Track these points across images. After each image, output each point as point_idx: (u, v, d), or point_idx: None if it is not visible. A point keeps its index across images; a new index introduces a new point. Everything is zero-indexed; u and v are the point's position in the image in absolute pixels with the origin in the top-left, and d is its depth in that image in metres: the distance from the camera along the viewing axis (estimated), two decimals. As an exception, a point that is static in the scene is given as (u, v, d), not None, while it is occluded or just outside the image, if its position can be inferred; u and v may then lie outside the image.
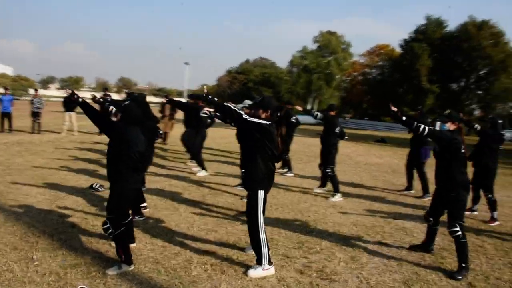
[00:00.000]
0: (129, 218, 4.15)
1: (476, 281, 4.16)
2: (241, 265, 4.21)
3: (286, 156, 9.45)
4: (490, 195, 6.35)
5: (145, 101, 5.93)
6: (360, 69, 56.13)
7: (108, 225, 3.86)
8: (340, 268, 4.31)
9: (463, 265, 4.24)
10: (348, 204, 7.26)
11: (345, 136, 7.79)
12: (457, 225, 4.30)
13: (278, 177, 6.36)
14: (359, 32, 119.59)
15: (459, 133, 4.54)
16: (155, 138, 5.71)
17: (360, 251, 4.86)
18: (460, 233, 4.27)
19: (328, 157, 7.60)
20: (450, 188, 4.36)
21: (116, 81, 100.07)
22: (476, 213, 6.81)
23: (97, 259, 4.16)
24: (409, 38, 42.22)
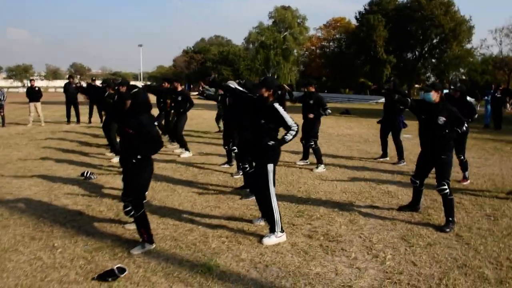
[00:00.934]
0: (145, 200, 4.36)
1: (461, 232, 4.70)
2: (254, 235, 4.54)
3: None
4: (462, 157, 6.95)
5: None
6: (317, 43, 56.89)
7: (129, 208, 4.06)
8: (342, 230, 4.73)
9: (450, 219, 4.77)
10: (332, 174, 7.71)
11: (328, 110, 8.07)
12: (445, 183, 4.79)
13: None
14: (314, 6, 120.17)
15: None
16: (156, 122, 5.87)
17: (356, 214, 5.30)
18: (448, 190, 4.78)
19: (312, 131, 7.97)
20: (440, 151, 4.81)
21: (68, 68, 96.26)
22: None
23: (117, 241, 4.36)
24: (364, 10, 43.10)
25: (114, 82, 9.30)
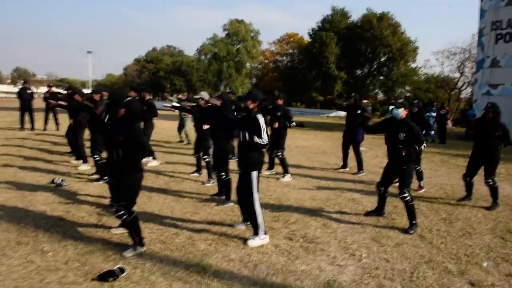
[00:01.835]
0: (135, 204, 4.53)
1: (423, 233, 5.26)
2: (237, 238, 4.83)
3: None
4: (418, 167, 7.61)
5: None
6: (271, 56, 58.08)
7: (122, 212, 4.21)
8: (318, 233, 5.13)
9: (413, 222, 5.31)
10: (299, 182, 8.14)
11: (293, 123, 8.55)
12: (406, 191, 5.33)
13: (231, 163, 6.98)
14: (268, 20, 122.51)
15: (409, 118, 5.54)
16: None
17: (327, 219, 5.72)
18: (409, 197, 5.32)
19: (279, 142, 8.39)
20: (402, 162, 5.35)
21: (12, 72, 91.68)
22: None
23: (107, 245, 4.49)
24: (317, 27, 44.74)
25: (74, 90, 9.21)
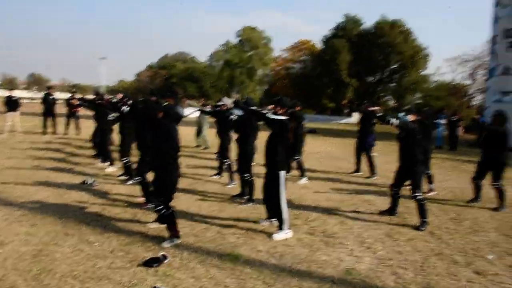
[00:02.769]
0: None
1: (434, 230, 5.66)
2: (263, 232, 5.28)
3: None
4: (428, 171, 7.99)
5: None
6: (283, 63, 58.65)
7: (161, 207, 4.68)
8: (336, 229, 5.56)
9: (424, 220, 5.71)
10: (314, 185, 8.56)
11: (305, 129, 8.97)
12: (418, 191, 5.74)
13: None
14: (280, 27, 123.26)
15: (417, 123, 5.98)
16: None
17: (344, 217, 6.14)
18: (421, 197, 5.72)
19: (298, 146, 8.84)
20: (413, 164, 5.77)
21: (27, 77, 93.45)
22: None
23: (145, 237, 4.96)
24: (330, 34, 45.16)
25: (102, 95, 9.72)
